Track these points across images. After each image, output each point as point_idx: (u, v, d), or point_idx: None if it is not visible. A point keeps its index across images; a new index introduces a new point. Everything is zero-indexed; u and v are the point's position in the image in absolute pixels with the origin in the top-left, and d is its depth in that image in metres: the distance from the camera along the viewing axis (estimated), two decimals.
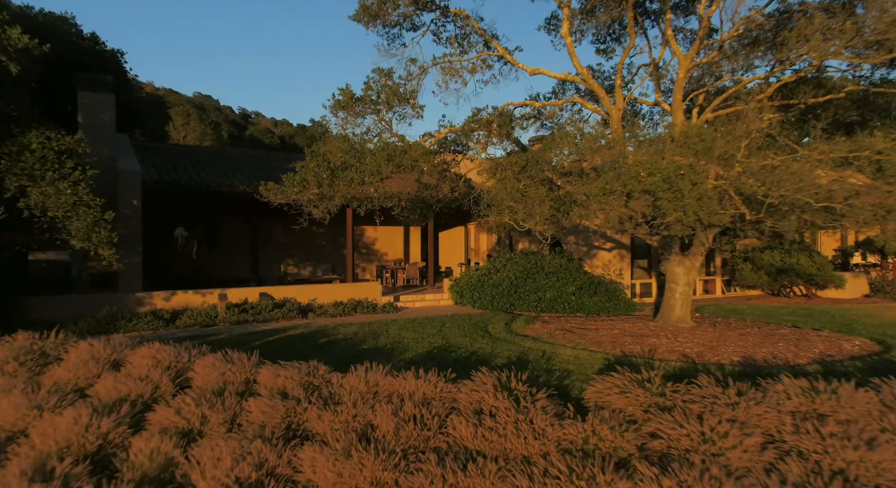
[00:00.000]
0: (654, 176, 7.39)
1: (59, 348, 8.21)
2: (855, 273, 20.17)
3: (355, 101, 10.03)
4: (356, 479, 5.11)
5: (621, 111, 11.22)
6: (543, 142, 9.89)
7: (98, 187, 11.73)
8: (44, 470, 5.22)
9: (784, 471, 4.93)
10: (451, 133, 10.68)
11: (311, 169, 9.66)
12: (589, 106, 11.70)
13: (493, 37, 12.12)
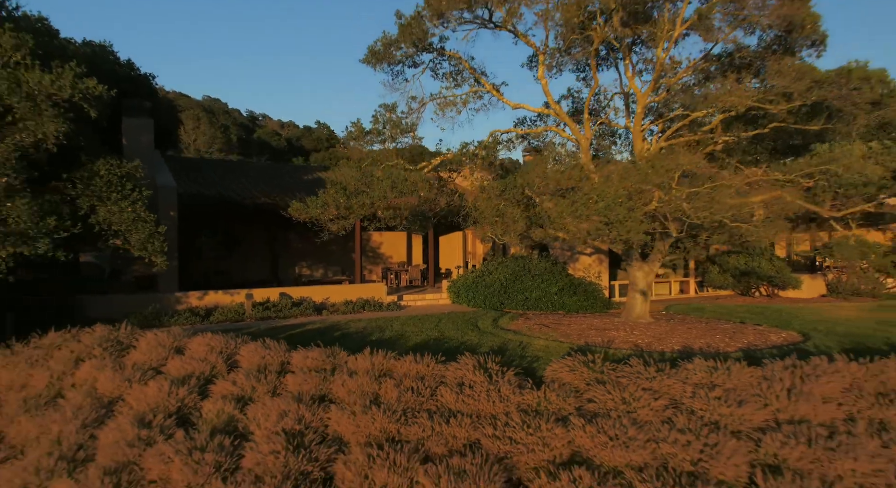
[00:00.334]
0: (600, 203, 9.23)
1: (130, 337, 10.14)
2: (813, 275, 22.00)
3: (365, 134, 11.97)
4: (369, 429, 7.02)
5: (589, 139, 13.04)
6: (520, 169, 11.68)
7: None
8: (143, 421, 7.16)
9: (675, 422, 6.83)
10: (445, 160, 12.56)
11: (331, 194, 11.57)
12: (563, 134, 13.55)
13: (482, 74, 13.98)
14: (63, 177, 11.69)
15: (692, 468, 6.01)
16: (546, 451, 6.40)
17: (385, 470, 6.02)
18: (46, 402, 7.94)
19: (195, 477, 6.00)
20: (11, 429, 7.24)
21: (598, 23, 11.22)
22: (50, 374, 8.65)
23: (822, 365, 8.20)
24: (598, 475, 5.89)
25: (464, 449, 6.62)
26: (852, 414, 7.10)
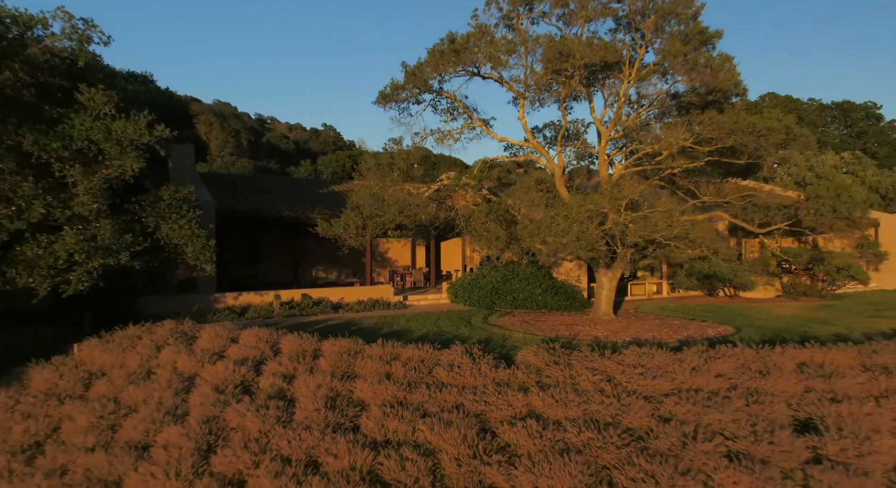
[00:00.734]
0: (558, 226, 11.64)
1: (193, 330, 12.63)
2: (768, 277, 24.32)
3: (378, 166, 14.40)
4: (384, 395, 9.46)
5: (562, 167, 15.41)
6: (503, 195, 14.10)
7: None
8: (218, 389, 9.63)
9: (604, 390, 9.27)
10: (442, 186, 14.98)
11: (351, 217, 13.99)
12: (541, 162, 15.91)
13: (473, 110, 16.39)
14: (133, 200, 14.19)
15: (610, 420, 8.45)
16: (509, 409, 8.85)
17: (395, 420, 8.48)
18: (142, 377, 10.42)
19: (263, 425, 8.47)
20: (124, 395, 9.70)
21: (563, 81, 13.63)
22: (140, 357, 11.13)
23: (725, 350, 10.66)
24: (543, 424, 8.33)
25: (451, 408, 9.06)
26: (735, 385, 9.53)
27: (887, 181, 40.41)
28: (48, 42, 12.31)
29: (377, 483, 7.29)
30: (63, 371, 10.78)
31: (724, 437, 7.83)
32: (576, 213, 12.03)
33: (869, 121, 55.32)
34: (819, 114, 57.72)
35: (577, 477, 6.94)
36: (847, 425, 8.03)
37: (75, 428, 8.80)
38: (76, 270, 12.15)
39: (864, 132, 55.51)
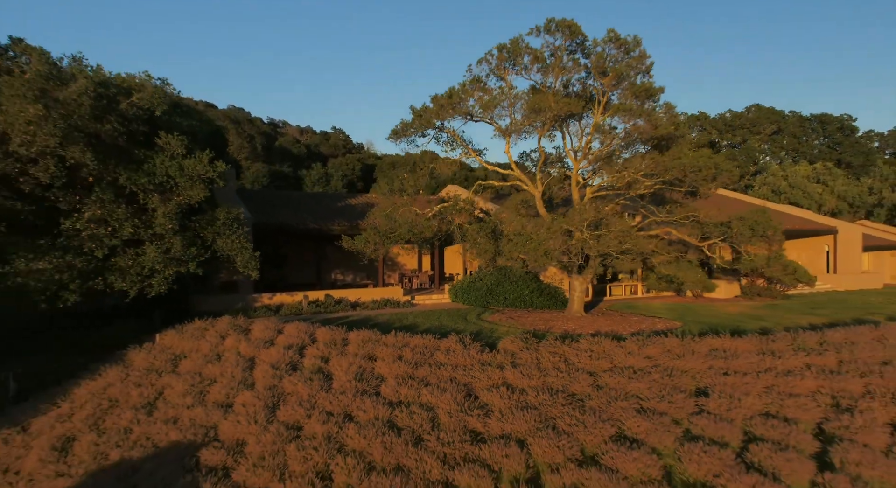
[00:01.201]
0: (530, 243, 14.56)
1: (246, 324, 15.69)
2: (729, 280, 27.13)
3: (390, 191, 17.40)
4: (397, 371, 12.47)
5: (541, 191, 18.32)
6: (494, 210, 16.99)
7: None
8: (274, 366, 12.68)
9: (560, 367, 12.25)
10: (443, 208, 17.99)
11: (370, 234, 17.02)
12: (524, 186, 18.88)
13: (468, 142, 19.35)
14: (194, 220, 17.26)
15: (560, 388, 11.43)
16: (489, 381, 11.85)
17: (405, 388, 11.49)
18: (214, 358, 13.47)
19: (310, 390, 11.49)
20: (204, 370, 12.75)
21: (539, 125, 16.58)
22: (209, 344, 14.19)
23: (658, 339, 13.63)
24: (511, 390, 11.32)
25: (446, 380, 12.05)
26: (658, 364, 12.49)
27: (854, 190, 43.05)
28: (135, 98, 15.39)
29: (393, 428, 10.28)
30: (154, 353, 13.87)
31: (639, 399, 10.82)
32: (547, 232, 15.00)
33: (844, 132, 57.87)
34: (799, 125, 60.30)
35: (531, 423, 9.94)
36: (727, 391, 11.00)
37: (175, 393, 11.87)
38: (156, 276, 15.26)
39: (839, 143, 58.08)
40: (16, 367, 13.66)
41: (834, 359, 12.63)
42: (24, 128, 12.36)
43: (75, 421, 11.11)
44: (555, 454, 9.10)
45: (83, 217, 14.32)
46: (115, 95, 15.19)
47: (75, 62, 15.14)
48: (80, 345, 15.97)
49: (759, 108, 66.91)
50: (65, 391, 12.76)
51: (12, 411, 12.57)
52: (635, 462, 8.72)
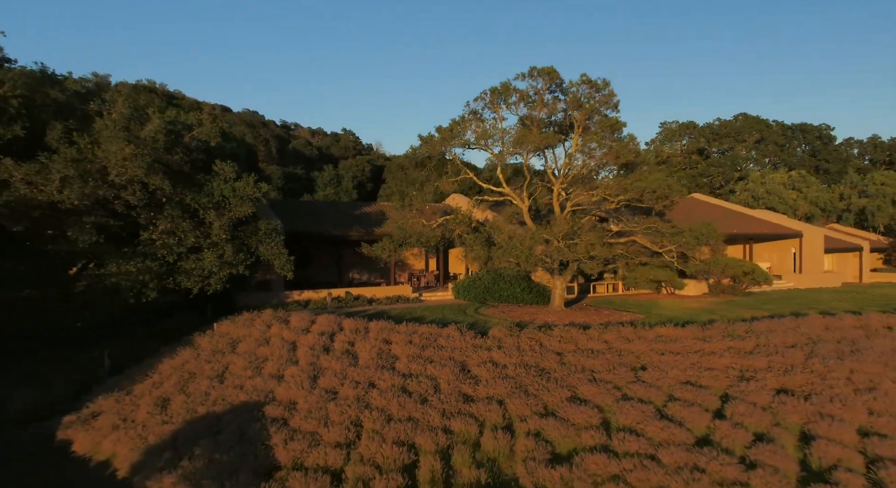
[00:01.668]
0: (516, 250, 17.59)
1: (285, 315, 18.82)
2: (698, 279, 29.97)
3: (401, 206, 20.48)
4: (408, 352, 15.57)
5: (527, 206, 21.33)
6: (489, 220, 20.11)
7: None
8: (311, 348, 15.82)
9: (536, 349, 15.31)
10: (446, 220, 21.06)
11: (386, 243, 20.10)
12: (515, 200, 21.89)
13: (466, 164, 22.41)
14: (240, 230, 20.42)
15: (533, 364, 14.48)
16: (479, 359, 14.92)
17: (415, 364, 14.58)
18: (263, 342, 16.61)
19: (341, 366, 14.60)
20: (257, 351, 15.91)
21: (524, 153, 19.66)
22: (258, 331, 17.34)
23: (617, 328, 16.65)
24: (495, 365, 14.38)
25: (446, 359, 15.13)
26: (612, 347, 15.51)
27: (826, 196, 45.71)
28: (195, 132, 18.57)
29: (406, 392, 13.36)
30: (216, 338, 17.05)
31: (592, 372, 13.87)
32: (530, 241, 18.06)
33: (823, 141, 60.42)
34: (781, 134, 62.86)
35: (508, 388, 13.01)
36: (661, 366, 14.04)
37: (238, 367, 15.04)
38: (213, 277, 18.44)
39: (819, 151, 60.62)
40: (107, 349, 16.89)
41: (752, 344, 15.62)
42: (119, 163, 15.54)
43: (166, 387, 14.30)
44: (524, 409, 12.17)
45: (157, 229, 17.51)
46: (180, 131, 18.37)
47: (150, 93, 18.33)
48: (150, 333, 19.18)
49: (745, 116, 69.45)
50: (150, 366, 15.97)
51: (109, 381, 15.79)
52: (582, 414, 11.79)
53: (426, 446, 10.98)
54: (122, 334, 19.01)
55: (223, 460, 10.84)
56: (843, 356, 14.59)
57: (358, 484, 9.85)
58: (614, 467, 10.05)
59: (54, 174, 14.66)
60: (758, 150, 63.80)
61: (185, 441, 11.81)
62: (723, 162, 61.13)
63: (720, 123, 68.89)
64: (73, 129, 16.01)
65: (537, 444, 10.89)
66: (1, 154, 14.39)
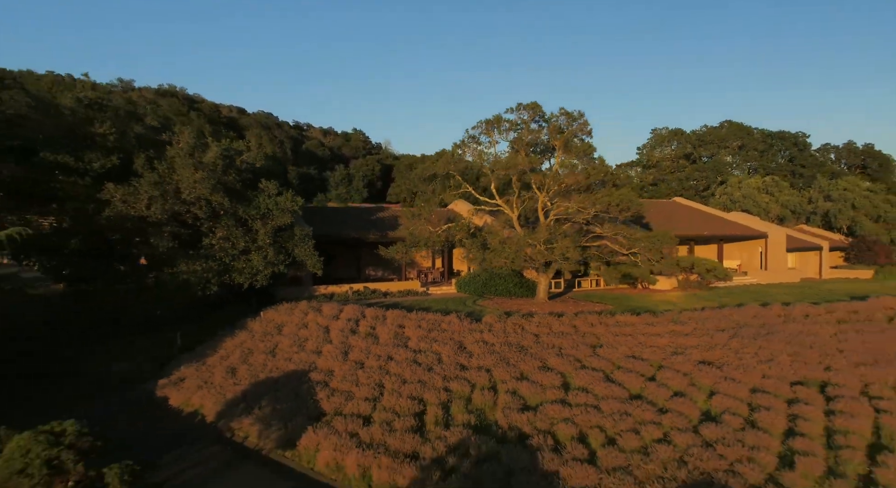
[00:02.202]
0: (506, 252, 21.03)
1: (318, 306, 22.39)
2: (667, 275, 33.22)
3: (412, 217, 24.05)
4: (418, 333, 19.11)
5: (517, 214, 24.75)
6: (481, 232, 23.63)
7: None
8: (341, 331, 19.42)
9: (518, 331, 18.82)
10: (449, 227, 24.54)
11: (400, 246, 23.63)
12: (505, 210, 25.29)
13: (465, 181, 25.89)
14: (279, 236, 24.00)
15: (514, 342, 17.99)
16: (472, 339, 18.45)
17: (423, 342, 18.12)
18: (302, 326, 20.19)
19: (366, 344, 18.18)
20: (298, 333, 19.49)
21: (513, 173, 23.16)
22: (297, 318, 20.93)
23: (584, 316, 20.12)
24: (485, 343, 17.91)
25: (447, 339, 18.65)
26: (578, 330, 18.98)
27: (795, 200, 48.77)
28: (245, 156, 22.14)
29: (416, 362, 16.87)
30: (264, 323, 20.68)
31: (559, 348, 17.37)
32: (517, 245, 21.56)
33: (798, 147, 63.35)
34: (762, 140, 65.78)
35: (494, 360, 16.53)
36: (613, 344, 17.51)
37: (285, 345, 18.64)
38: (260, 274, 22.06)
39: (794, 157, 63.56)
40: (178, 332, 20.56)
41: (690, 328, 19.06)
42: (190, 185, 19.15)
43: (232, 359, 17.94)
44: (505, 375, 15.69)
45: (216, 236, 21.14)
46: (233, 156, 21.97)
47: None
48: (209, 320, 22.83)
49: (731, 123, 72.34)
50: (214, 345, 19.62)
51: (181, 357, 19.44)
52: (548, 378, 15.29)
53: (431, 400, 14.53)
54: (187, 321, 22.62)
55: (283, 409, 14.44)
56: (758, 337, 18.02)
57: (383, 424, 13.40)
58: (567, 413, 13.56)
59: (142, 194, 18.31)
60: (740, 156, 66.76)
61: (252, 397, 15.42)
62: (707, 167, 64.19)
63: (706, 130, 71.84)
64: (152, 158, 19.65)
65: (513, 399, 14.42)
66: (104, 179, 18.04)
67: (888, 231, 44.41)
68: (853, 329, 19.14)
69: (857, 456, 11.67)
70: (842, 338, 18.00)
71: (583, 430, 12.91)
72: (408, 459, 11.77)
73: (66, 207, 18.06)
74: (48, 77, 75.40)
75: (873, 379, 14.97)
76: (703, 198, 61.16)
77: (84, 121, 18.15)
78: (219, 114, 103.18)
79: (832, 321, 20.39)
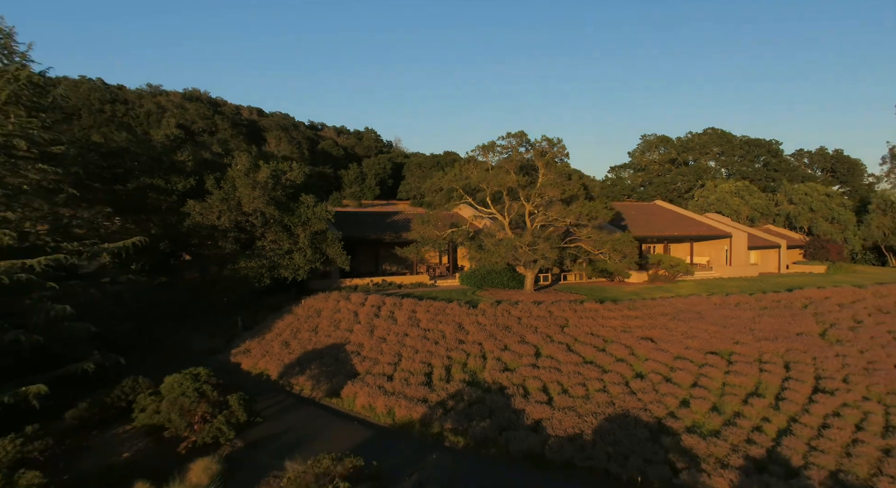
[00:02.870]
0: (498, 252, 25.09)
1: (347, 295, 26.75)
2: (640, 270, 37.19)
3: (422, 223, 28.35)
4: (427, 317, 23.40)
5: (508, 220, 28.88)
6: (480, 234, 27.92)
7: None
8: (367, 315, 23.85)
9: (505, 315, 23.08)
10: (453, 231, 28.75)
11: (414, 247, 27.90)
12: (498, 217, 29.42)
13: (468, 194, 30.06)
14: (316, 238, 28.34)
15: (502, 322, 22.26)
16: (469, 320, 22.74)
17: (431, 323, 22.42)
18: (336, 311, 24.54)
19: (387, 325, 22.51)
20: (334, 316, 23.84)
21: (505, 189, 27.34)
22: (331, 304, 25.28)
23: (559, 303, 24.37)
24: (480, 324, 22.20)
25: (450, 320, 22.92)
26: (553, 314, 23.21)
27: (763, 203, 52.44)
28: (288, 175, 26.47)
29: (426, 338, 21.17)
30: (306, 308, 25.07)
31: (535, 328, 21.63)
32: (507, 246, 25.77)
33: (771, 154, 66.82)
34: (740, 147, 69.27)
35: (484, 336, 20.83)
36: (577, 324, 21.74)
37: (324, 325, 23.02)
38: (301, 270, 26.46)
39: (768, 162, 67.06)
40: (240, 316, 25.03)
41: (641, 312, 23.23)
42: (249, 200, 23.50)
43: (284, 335, 22.34)
44: (492, 347, 19.96)
45: (266, 240, 25.51)
46: (279, 175, 26.32)
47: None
48: (260, 306, 27.27)
49: (714, 130, 75.70)
50: (268, 325, 24.03)
51: (243, 335, 23.86)
52: (524, 349, 19.55)
53: (437, 364, 18.84)
54: (243, 307, 27.08)
55: (328, 370, 18.82)
56: (691, 320, 22.17)
57: (402, 380, 17.72)
58: (535, 373, 17.82)
59: (214, 208, 22.71)
60: (719, 161, 70.33)
61: (303, 362, 19.81)
62: (689, 171, 67.84)
63: (691, 136, 75.32)
64: (219, 178, 24.04)
65: (497, 363, 18.70)
66: (185, 197, 22.44)
67: (841, 231, 48.03)
68: (770, 314, 23.22)
69: (736, 400, 15.87)
70: (757, 321, 22.11)
71: (546, 384, 17.19)
72: (420, 402, 16.09)
73: (154, 218, 22.52)
74: (84, 83, 79.77)
75: (768, 350, 19.12)
76: (685, 200, 64.88)
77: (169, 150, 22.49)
78: (240, 116, 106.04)
79: (757, 307, 24.47)
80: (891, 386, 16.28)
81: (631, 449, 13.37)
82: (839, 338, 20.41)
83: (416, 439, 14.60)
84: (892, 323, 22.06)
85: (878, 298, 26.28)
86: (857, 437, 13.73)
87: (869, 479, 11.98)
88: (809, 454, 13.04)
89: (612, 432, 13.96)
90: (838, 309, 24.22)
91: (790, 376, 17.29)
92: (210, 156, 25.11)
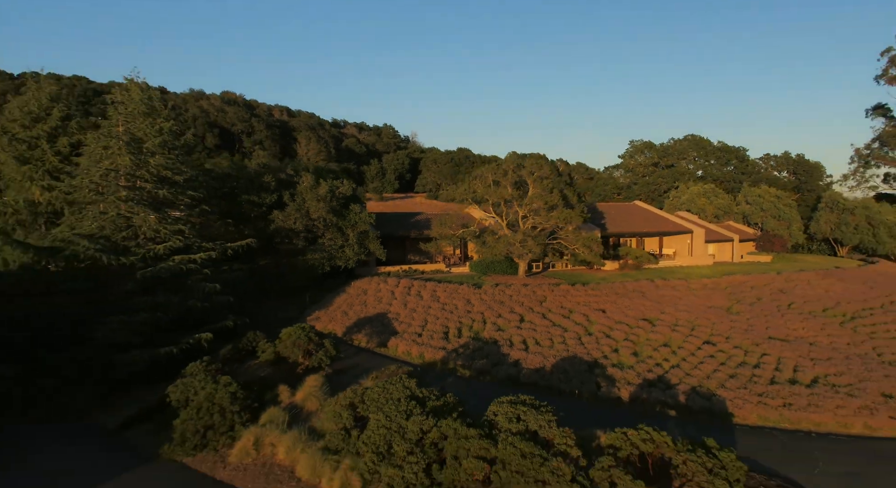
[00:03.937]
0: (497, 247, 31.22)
1: (384, 279, 33.33)
2: (613, 259, 43.12)
3: (440, 224, 34.57)
4: (445, 295, 29.88)
5: (506, 223, 34.96)
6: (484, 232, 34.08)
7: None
8: (402, 294, 30.51)
9: (501, 293, 29.46)
10: (464, 231, 34.96)
11: (434, 244, 34.20)
12: (498, 220, 35.55)
13: (476, 203, 36.29)
14: (361, 236, 34.86)
15: (499, 298, 28.68)
16: (476, 297, 29.21)
17: (448, 300, 28.93)
18: (378, 291, 31.10)
19: (416, 300, 29.05)
20: (377, 294, 30.44)
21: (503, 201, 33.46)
22: (374, 286, 31.83)
23: (541, 286, 30.73)
24: (483, 300, 28.64)
25: (460, 298, 29.40)
26: (536, 294, 29.57)
27: (725, 203, 57.86)
28: (341, 189, 33.02)
29: (444, 309, 27.63)
30: (355, 288, 31.68)
31: (522, 303, 28.04)
32: (504, 242, 32.04)
33: (739, 159, 71.81)
34: (714, 153, 74.28)
35: (485, 307, 27.30)
36: (553, 300, 28.11)
37: (370, 301, 29.59)
38: (350, 261, 33.11)
39: (737, 166, 72.08)
40: (308, 294, 31.82)
41: (600, 292, 29.46)
42: (316, 210, 30.06)
43: (343, 308, 28.98)
44: (490, 315, 26.41)
45: (326, 237, 32.14)
46: (334, 189, 32.89)
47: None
48: (321, 287, 34.00)
49: (693, 137, 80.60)
50: (329, 301, 30.69)
51: (310, 308, 30.59)
52: (512, 316, 25.99)
53: (452, 327, 25.36)
54: (309, 288, 33.83)
55: (376, 330, 25.44)
56: (636, 297, 28.38)
57: (428, 336, 24.24)
58: (518, 332, 24.23)
59: (291, 216, 29.31)
60: (696, 165, 75.42)
61: (358, 325, 26.44)
62: (668, 173, 73.11)
63: (672, 142, 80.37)
64: (292, 194, 30.63)
65: (493, 326, 25.16)
66: (271, 208, 29.11)
67: (787, 227, 53.39)
68: (695, 294, 29.28)
69: (650, 348, 22.17)
70: (683, 298, 28.21)
71: (525, 338, 23.61)
72: (440, 349, 22.61)
73: (249, 224, 29.24)
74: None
75: (682, 319, 25.31)
76: (664, 199, 70.27)
77: (259, 174, 29.01)
78: (272, 117, 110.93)
79: (688, 288, 30.53)
80: (755, 340, 22.42)
81: (574, 376, 19.79)
82: (739, 311, 26.49)
83: (438, 371, 21.18)
84: (783, 300, 28.02)
85: (786, 283, 32.16)
86: (717, 369, 20.00)
87: (715, 390, 18.27)
88: (685, 378, 19.34)
89: (563, 366, 20.40)
90: (750, 290, 30.21)
91: (692, 334, 23.50)
92: (285, 177, 31.62)
